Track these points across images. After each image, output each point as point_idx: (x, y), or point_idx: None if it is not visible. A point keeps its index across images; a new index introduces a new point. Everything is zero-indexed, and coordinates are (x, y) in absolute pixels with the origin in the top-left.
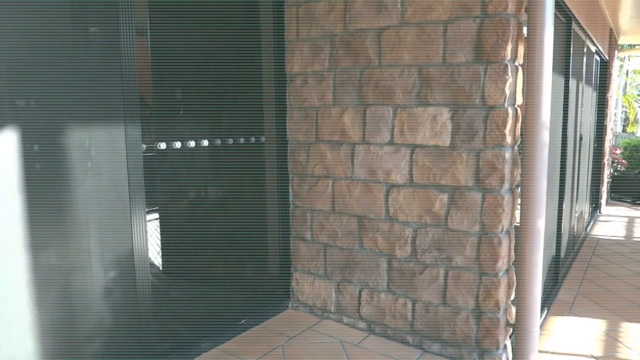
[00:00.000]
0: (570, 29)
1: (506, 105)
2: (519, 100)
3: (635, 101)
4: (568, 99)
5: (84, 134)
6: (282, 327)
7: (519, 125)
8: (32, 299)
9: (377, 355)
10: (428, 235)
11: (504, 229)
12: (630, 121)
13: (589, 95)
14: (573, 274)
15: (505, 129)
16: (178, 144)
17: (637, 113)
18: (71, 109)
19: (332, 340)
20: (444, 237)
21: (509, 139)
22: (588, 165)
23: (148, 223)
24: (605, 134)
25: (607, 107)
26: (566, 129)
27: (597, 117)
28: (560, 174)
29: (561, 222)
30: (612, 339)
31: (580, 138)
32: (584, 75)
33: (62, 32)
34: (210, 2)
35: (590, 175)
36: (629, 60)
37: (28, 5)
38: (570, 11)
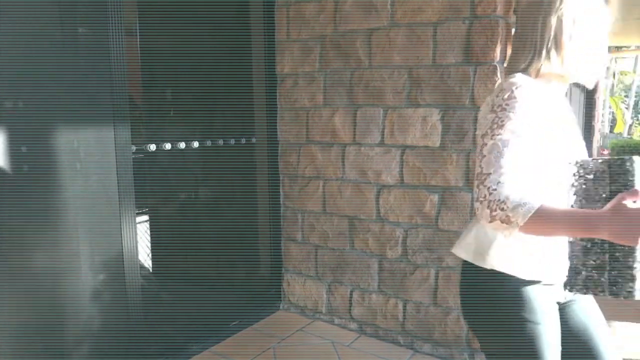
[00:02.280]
0: None
1: None
2: None
3: (622, 102)
4: None
5: (72, 135)
6: (274, 328)
7: None
8: (19, 302)
9: (368, 356)
10: (419, 235)
11: None
12: (617, 122)
13: (576, 97)
14: None
15: None
16: (168, 145)
17: (624, 114)
18: (60, 110)
19: (324, 341)
20: (435, 237)
21: None
22: None
23: (138, 225)
24: (593, 135)
25: (594, 109)
26: None
27: (585, 118)
28: None
29: None
30: None
31: None
32: None
33: (50, 32)
34: (200, 3)
35: None
36: (615, 62)
37: (15, 5)
38: None
